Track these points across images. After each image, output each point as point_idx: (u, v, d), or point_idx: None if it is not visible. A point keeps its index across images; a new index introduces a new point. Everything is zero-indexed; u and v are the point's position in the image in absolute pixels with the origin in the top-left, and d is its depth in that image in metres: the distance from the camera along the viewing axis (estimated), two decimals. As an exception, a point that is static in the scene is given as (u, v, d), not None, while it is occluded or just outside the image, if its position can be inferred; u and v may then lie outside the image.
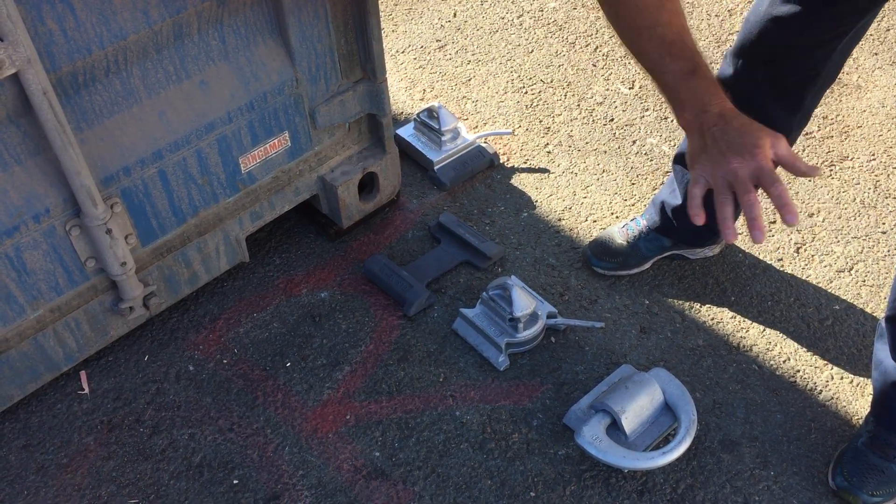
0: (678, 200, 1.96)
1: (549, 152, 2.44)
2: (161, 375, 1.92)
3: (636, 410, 1.72)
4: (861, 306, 2.02)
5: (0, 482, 1.74)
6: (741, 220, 2.22)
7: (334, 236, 2.19)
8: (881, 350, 1.66)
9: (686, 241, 2.06)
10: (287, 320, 2.02)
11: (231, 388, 1.89)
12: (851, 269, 2.10)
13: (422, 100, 2.63)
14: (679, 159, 1.95)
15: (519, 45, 2.81)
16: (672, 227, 2.01)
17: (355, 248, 2.18)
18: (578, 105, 2.59)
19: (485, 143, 2.42)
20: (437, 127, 2.34)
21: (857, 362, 1.91)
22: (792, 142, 1.81)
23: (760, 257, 2.13)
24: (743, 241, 2.17)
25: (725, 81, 1.71)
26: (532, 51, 2.79)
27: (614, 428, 1.72)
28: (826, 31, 1.50)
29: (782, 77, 1.64)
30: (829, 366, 1.91)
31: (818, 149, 2.41)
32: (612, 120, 2.54)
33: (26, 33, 1.38)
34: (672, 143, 2.44)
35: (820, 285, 2.07)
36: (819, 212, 2.24)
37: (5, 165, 1.54)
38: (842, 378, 1.89)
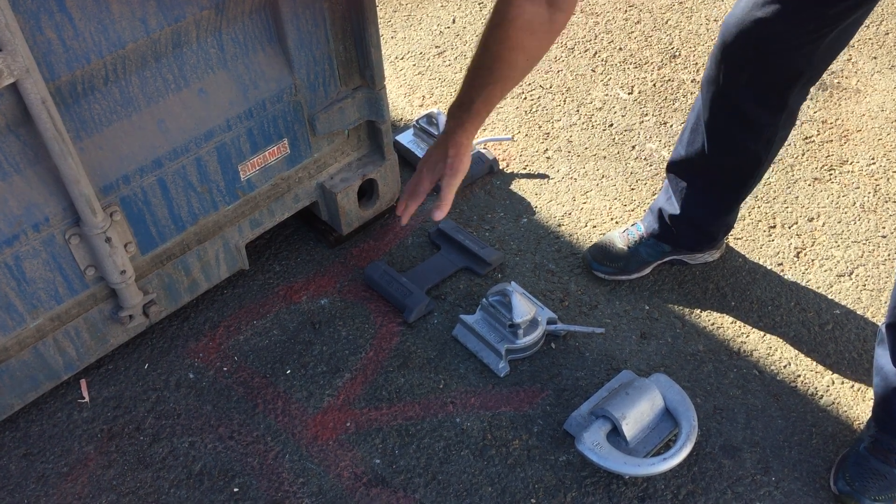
0: (676, 209, 1.96)
1: (548, 158, 2.44)
2: (161, 383, 1.92)
3: (637, 416, 1.71)
4: (861, 311, 2.01)
5: (0, 491, 1.74)
6: (741, 228, 2.22)
7: (334, 243, 2.19)
8: (882, 356, 1.66)
9: (686, 247, 2.06)
10: (287, 327, 2.02)
11: (231, 395, 1.89)
12: (852, 273, 2.10)
13: (421, 106, 2.63)
14: (672, 167, 1.94)
15: (518, 51, 2.81)
16: (671, 234, 2.01)
17: (355, 254, 2.18)
18: (577, 110, 2.59)
19: (484, 148, 2.42)
20: (436, 133, 2.34)
21: (858, 367, 1.91)
22: (781, 141, 1.80)
23: (760, 262, 2.13)
24: (743, 247, 2.17)
25: (710, 84, 1.71)
26: (531, 56, 2.79)
27: (615, 434, 1.71)
28: (809, 33, 1.49)
29: (764, 78, 1.63)
30: (830, 370, 1.91)
31: (818, 153, 2.41)
32: (612, 125, 2.54)
33: (25, 43, 1.38)
34: (671, 149, 2.44)
35: (820, 290, 2.07)
36: (819, 216, 2.24)
37: (4, 174, 1.54)
38: (843, 383, 1.89)
